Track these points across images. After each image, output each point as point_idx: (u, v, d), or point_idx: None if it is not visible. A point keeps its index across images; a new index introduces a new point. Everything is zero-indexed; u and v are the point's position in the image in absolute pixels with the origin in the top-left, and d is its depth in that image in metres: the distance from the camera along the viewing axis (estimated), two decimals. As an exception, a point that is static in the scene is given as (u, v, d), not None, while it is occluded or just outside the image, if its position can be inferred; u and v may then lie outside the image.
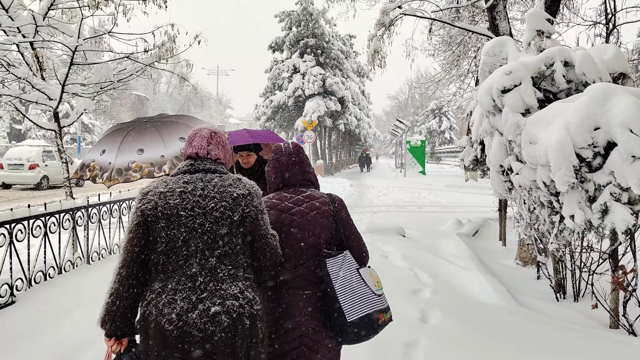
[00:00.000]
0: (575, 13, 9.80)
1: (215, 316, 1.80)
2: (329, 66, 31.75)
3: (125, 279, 1.87)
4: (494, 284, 5.42)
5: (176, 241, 1.87)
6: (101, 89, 6.61)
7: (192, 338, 1.78)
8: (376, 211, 12.94)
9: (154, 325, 1.80)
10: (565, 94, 4.73)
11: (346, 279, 2.10)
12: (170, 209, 1.89)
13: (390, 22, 8.30)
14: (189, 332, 1.77)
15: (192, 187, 1.95)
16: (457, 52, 14.20)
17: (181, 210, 1.89)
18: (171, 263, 1.87)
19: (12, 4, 5.77)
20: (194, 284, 1.84)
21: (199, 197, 1.93)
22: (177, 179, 1.98)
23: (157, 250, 1.88)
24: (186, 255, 1.87)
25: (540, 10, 5.66)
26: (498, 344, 3.79)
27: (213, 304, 1.81)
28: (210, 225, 1.90)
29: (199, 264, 1.86)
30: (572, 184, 3.74)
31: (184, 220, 1.88)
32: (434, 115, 48.24)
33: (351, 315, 2.05)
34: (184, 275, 1.85)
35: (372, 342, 3.78)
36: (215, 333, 1.79)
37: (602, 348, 3.67)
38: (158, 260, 1.88)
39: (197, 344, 1.78)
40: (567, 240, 4.73)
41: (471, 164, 7.60)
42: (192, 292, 1.82)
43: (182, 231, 1.88)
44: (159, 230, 1.88)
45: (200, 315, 1.79)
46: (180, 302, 1.81)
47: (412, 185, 21.76)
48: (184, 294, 1.82)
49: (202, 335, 1.78)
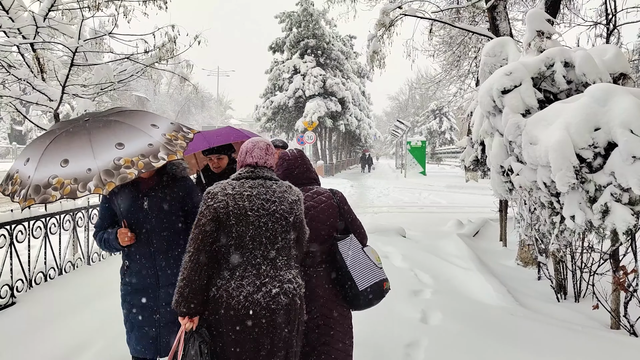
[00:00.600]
0: (576, 13, 9.80)
1: (276, 296, 2.23)
2: (329, 67, 31.76)
3: (195, 267, 2.19)
4: (494, 284, 5.41)
5: (244, 237, 2.25)
6: (101, 89, 6.62)
7: (257, 314, 2.19)
8: (377, 212, 12.94)
9: (225, 305, 2.19)
10: (565, 94, 4.72)
11: (354, 257, 2.63)
12: (239, 209, 2.25)
13: (391, 22, 8.30)
14: (255, 310, 2.19)
15: (256, 191, 2.33)
16: (458, 52, 14.19)
17: (249, 211, 2.27)
18: (239, 255, 2.25)
19: (12, 5, 5.77)
20: (258, 272, 2.25)
21: (262, 200, 2.31)
22: (241, 183, 2.34)
23: (227, 243, 2.24)
24: (252, 248, 2.26)
25: (540, 11, 5.65)
26: (499, 344, 3.78)
27: (274, 287, 2.24)
28: (272, 224, 2.30)
29: (262, 255, 2.27)
30: (572, 185, 3.74)
31: (252, 220, 2.26)
32: (434, 115, 48.22)
33: (362, 285, 2.57)
34: (249, 264, 2.25)
35: (373, 343, 3.79)
36: (275, 310, 2.22)
37: (603, 349, 3.66)
38: (227, 252, 2.25)
39: (261, 318, 2.20)
40: (568, 241, 4.72)
41: (472, 165, 7.59)
42: (257, 277, 2.24)
43: (250, 228, 2.25)
44: (229, 227, 2.24)
45: (264, 296, 2.21)
46: (247, 286, 2.21)
47: (412, 185, 21.76)
48: (249, 279, 2.23)
49: (265, 312, 2.20)
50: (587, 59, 4.45)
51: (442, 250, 7.38)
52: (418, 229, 9.38)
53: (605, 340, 3.86)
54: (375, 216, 11.84)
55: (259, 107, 32.12)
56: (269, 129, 32.25)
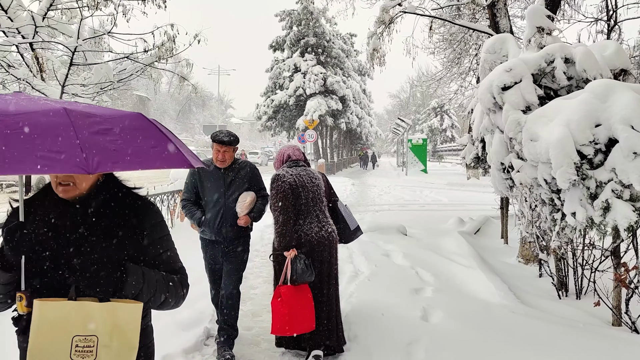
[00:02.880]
0: (576, 10, 9.77)
1: (329, 233, 3.76)
2: (329, 65, 31.72)
3: (287, 220, 3.58)
4: (495, 282, 5.40)
5: (307, 199, 3.71)
6: (101, 89, 6.61)
7: (321, 243, 3.67)
8: (378, 210, 12.92)
9: (303, 240, 3.62)
10: (566, 90, 4.70)
11: (344, 210, 4.14)
12: (302, 182, 3.71)
13: (390, 19, 8.28)
14: (320, 241, 3.66)
15: (304, 172, 3.79)
16: (458, 49, 14.17)
17: (307, 183, 3.73)
18: (307, 209, 3.70)
19: (11, 5, 5.77)
20: (318, 219, 3.75)
21: (309, 177, 3.79)
22: (292, 170, 3.78)
23: (300, 203, 3.67)
24: (311, 204, 3.73)
25: (540, 7, 5.63)
26: (500, 342, 3.77)
27: (329, 227, 3.80)
28: (318, 191, 3.81)
29: (320, 209, 3.80)
30: (573, 181, 3.72)
31: (309, 187, 3.74)
32: (435, 113, 48.12)
33: (351, 226, 4.09)
34: (312, 214, 3.73)
35: (374, 341, 3.78)
36: (330, 240, 3.75)
37: (605, 346, 3.65)
38: (300, 208, 3.68)
39: (324, 245, 3.68)
40: (569, 238, 4.71)
41: (472, 162, 7.58)
42: (318, 222, 3.73)
43: (308, 193, 3.72)
44: (299, 192, 3.67)
45: (323, 233, 3.72)
46: (314, 227, 3.69)
47: (413, 183, 21.73)
48: (314, 224, 3.70)
49: (325, 241, 3.69)
50: (588, 55, 4.43)
51: (443, 248, 7.36)
52: (419, 226, 9.36)
53: (606, 337, 3.85)
54: (376, 214, 11.83)
55: (259, 105, 32.11)
56: (269, 128, 32.26)
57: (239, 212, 3.80)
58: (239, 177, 3.87)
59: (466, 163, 7.91)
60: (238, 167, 3.91)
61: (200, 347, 3.90)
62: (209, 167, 3.88)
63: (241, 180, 3.88)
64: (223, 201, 3.81)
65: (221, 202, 3.81)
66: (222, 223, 3.81)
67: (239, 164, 3.93)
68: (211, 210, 3.82)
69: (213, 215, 3.81)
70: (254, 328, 4.36)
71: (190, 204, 3.95)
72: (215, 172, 3.85)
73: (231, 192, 3.83)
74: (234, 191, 3.84)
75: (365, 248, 7.22)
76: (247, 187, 3.90)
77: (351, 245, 7.51)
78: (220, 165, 3.82)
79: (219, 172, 3.84)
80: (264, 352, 3.87)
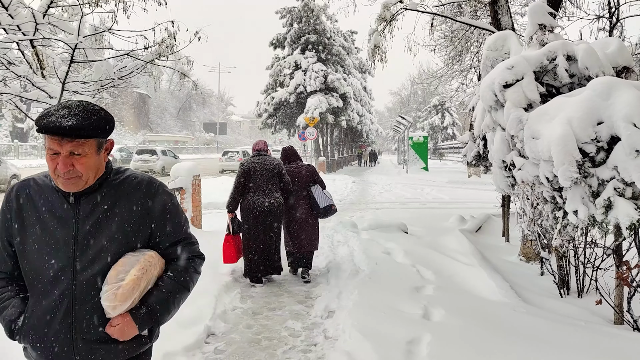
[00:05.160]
0: (578, 7, 9.74)
1: (273, 203, 5.53)
2: (330, 62, 31.65)
3: (236, 192, 5.55)
4: (497, 280, 5.39)
5: (256, 179, 5.52)
6: (102, 86, 6.59)
7: (264, 211, 5.50)
8: (379, 208, 12.91)
9: (248, 208, 5.52)
10: (567, 88, 4.69)
11: (318, 192, 5.91)
12: (254, 167, 5.56)
13: (392, 16, 8.25)
14: (262, 210, 5.49)
15: (259, 160, 5.63)
16: (459, 47, 14.13)
17: (258, 168, 5.55)
18: (254, 185, 5.52)
19: (11, 2, 5.75)
20: (264, 192, 5.52)
21: (262, 164, 5.59)
22: (253, 158, 5.67)
23: (250, 181, 5.51)
24: (259, 183, 5.53)
25: (542, 4, 5.61)
26: (501, 340, 3.77)
27: (272, 199, 5.55)
28: (267, 173, 5.56)
29: (266, 186, 5.55)
30: (575, 179, 3.71)
31: (259, 172, 5.55)
32: (436, 111, 48.07)
33: (322, 205, 5.87)
34: (260, 189, 5.53)
35: (375, 340, 3.78)
36: (273, 209, 5.54)
37: (607, 344, 3.64)
38: (249, 184, 5.52)
39: (266, 214, 5.51)
40: (571, 236, 4.70)
41: (474, 160, 7.57)
42: (264, 195, 5.52)
43: (257, 175, 5.55)
44: (250, 174, 5.54)
45: (268, 203, 5.52)
46: (260, 198, 5.49)
47: (414, 181, 21.71)
48: (260, 196, 5.51)
49: (268, 210, 5.51)
50: (590, 52, 4.41)
51: (444, 246, 7.35)
52: (420, 224, 9.35)
53: (608, 335, 3.84)
54: (377, 212, 11.81)
55: (260, 103, 32.04)
56: (270, 125, 32.20)
57: (106, 306, 1.63)
58: (111, 210, 1.70)
59: (467, 161, 7.89)
60: (115, 185, 1.74)
61: (201, 345, 3.90)
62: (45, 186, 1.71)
63: (117, 215, 1.70)
64: (70, 274, 1.64)
65: (67, 277, 1.63)
66: (68, 330, 1.64)
67: (118, 180, 1.75)
68: (42, 296, 1.66)
69: (44, 309, 1.66)
70: (254, 326, 4.35)
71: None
72: (55, 200, 1.68)
73: (89, 249, 1.66)
74: (95, 247, 1.66)
75: (366, 246, 7.22)
76: (132, 232, 1.72)
77: (352, 243, 7.52)
78: (65, 188, 1.63)
79: (63, 202, 1.67)
80: (264, 351, 3.87)
